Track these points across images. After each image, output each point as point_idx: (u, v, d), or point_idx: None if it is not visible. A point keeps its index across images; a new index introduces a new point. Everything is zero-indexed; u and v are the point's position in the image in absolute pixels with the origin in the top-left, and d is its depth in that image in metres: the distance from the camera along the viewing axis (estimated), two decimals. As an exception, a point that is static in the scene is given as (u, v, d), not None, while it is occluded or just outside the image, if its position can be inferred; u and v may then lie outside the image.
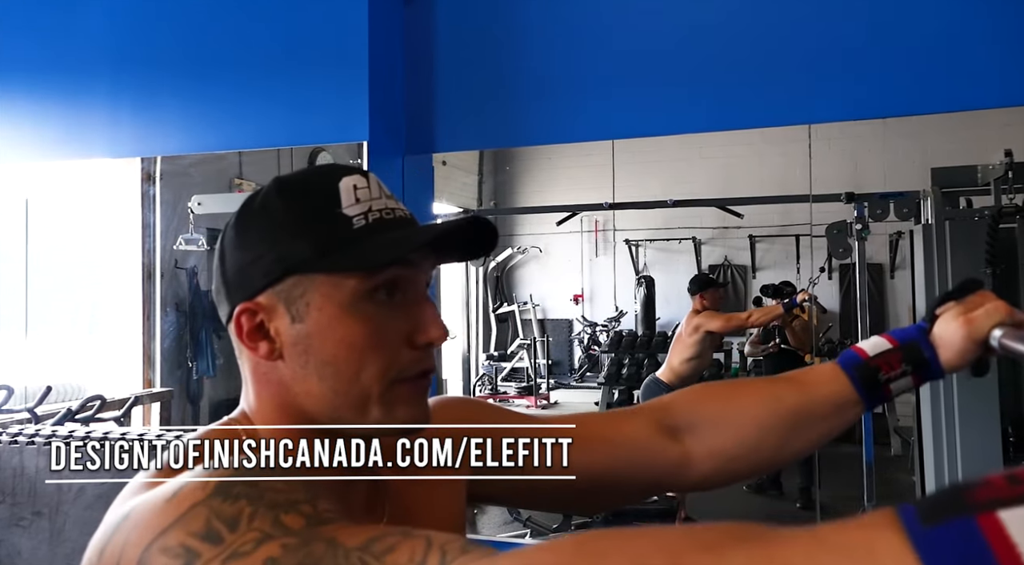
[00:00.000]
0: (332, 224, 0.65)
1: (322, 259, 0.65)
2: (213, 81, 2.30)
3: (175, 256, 3.93)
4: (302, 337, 0.65)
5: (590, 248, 10.32)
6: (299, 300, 0.65)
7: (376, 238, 0.65)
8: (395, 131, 2.29)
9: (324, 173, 0.70)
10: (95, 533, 0.59)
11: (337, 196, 0.67)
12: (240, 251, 0.68)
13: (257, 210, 0.69)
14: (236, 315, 0.67)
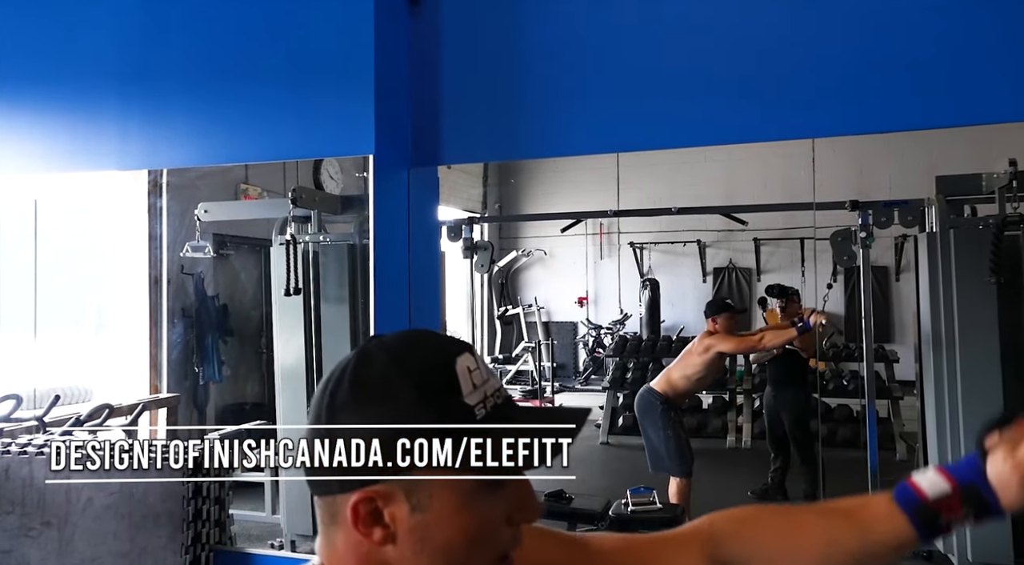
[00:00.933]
0: (457, 415, 0.66)
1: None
2: (220, 94, 2.31)
3: (182, 262, 3.96)
4: (420, 526, 0.66)
5: (595, 251, 10.33)
6: (420, 490, 0.66)
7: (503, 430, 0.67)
8: (401, 144, 2.30)
9: (437, 351, 0.69)
10: None
11: (457, 382, 0.66)
12: (357, 434, 0.66)
13: (377, 392, 0.66)
14: (354, 503, 0.66)
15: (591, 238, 10.05)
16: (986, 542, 3.49)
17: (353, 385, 0.67)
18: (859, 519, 0.85)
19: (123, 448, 2.12)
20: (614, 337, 8.63)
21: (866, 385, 4.18)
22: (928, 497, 0.82)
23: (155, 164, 2.77)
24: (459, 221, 5.11)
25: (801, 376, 4.80)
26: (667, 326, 8.89)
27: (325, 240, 3.65)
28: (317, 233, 3.65)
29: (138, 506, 1.97)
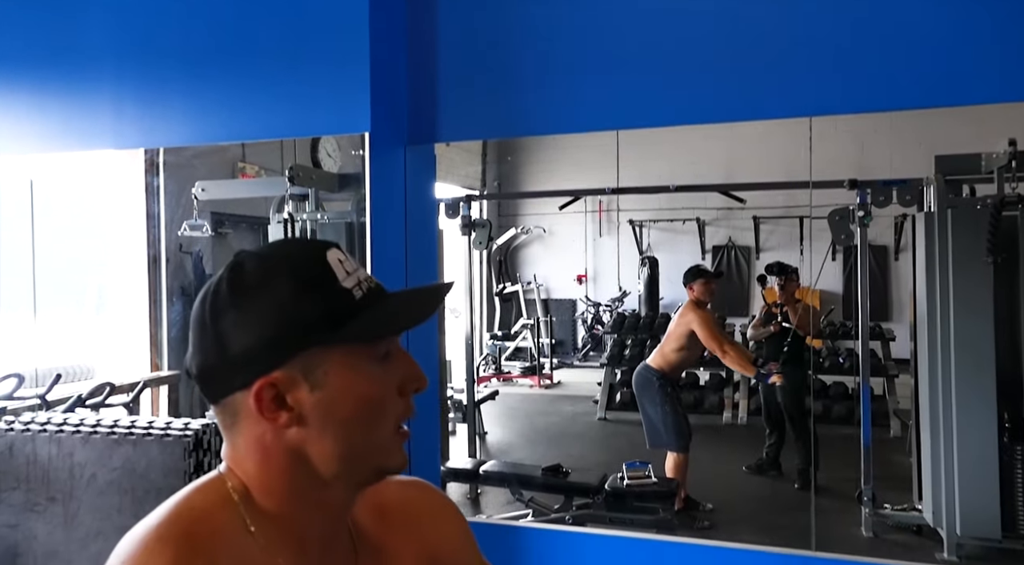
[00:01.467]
0: (339, 298, 0.71)
1: (337, 332, 0.70)
2: (216, 72, 2.30)
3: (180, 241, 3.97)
4: (323, 402, 0.70)
5: (594, 228, 10.32)
6: (317, 370, 0.70)
7: (377, 309, 0.72)
8: (397, 121, 2.29)
9: (307, 248, 0.75)
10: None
11: (331, 271, 0.72)
12: (245, 331, 0.70)
13: (254, 289, 0.71)
14: (256, 391, 0.70)
15: (590, 215, 10.05)
16: (975, 517, 3.54)
17: (232, 288, 0.71)
18: None
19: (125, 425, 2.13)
20: (613, 314, 8.67)
21: (861, 363, 4.22)
22: None
23: (151, 143, 2.76)
24: (457, 199, 5.11)
25: (798, 354, 4.83)
26: (666, 304, 8.92)
27: (323, 218, 3.65)
28: (315, 211, 3.65)
29: (140, 481, 2.00)
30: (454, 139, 2.51)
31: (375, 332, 0.72)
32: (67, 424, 2.08)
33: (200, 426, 2.12)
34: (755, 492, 4.82)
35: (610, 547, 2.32)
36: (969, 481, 3.53)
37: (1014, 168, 3.28)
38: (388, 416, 0.73)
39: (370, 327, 0.71)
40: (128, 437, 2.04)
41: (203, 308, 0.72)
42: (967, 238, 3.47)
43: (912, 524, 3.96)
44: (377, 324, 0.72)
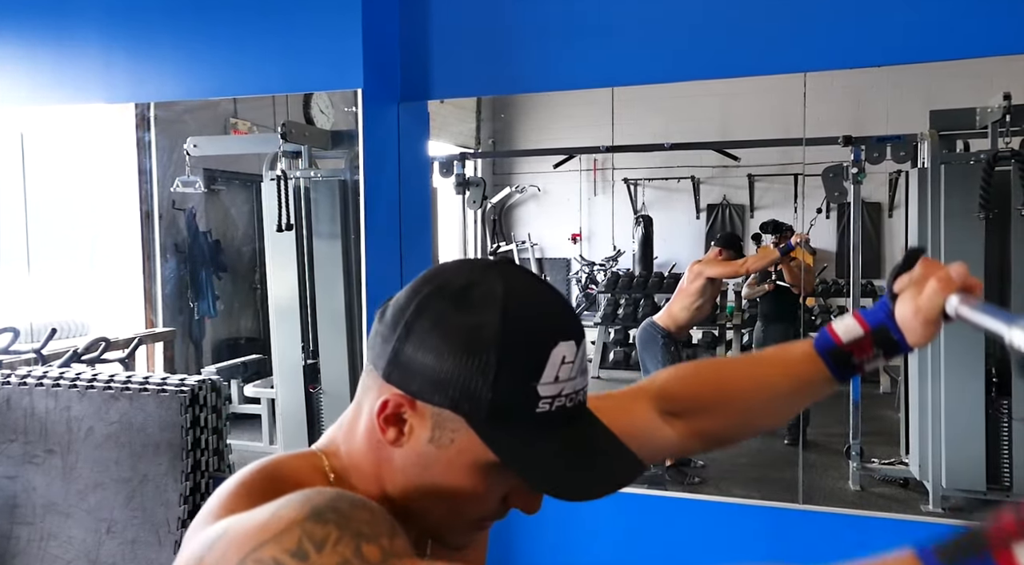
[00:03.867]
0: (521, 397, 0.64)
1: (491, 425, 0.64)
2: (207, 27, 2.27)
3: (173, 197, 3.94)
4: (430, 458, 0.67)
5: (588, 187, 10.27)
6: (448, 431, 0.66)
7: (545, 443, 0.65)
8: (390, 77, 2.27)
9: (548, 328, 0.66)
10: (187, 545, 0.62)
11: (543, 366, 0.64)
12: (425, 350, 0.65)
13: (468, 320, 0.64)
14: (388, 397, 0.67)
15: (585, 174, 9.99)
16: (960, 470, 3.61)
17: (454, 302, 0.66)
18: (784, 363, 0.94)
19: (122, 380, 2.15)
20: (607, 273, 8.68)
21: (852, 320, 4.24)
22: (843, 341, 0.90)
23: (141, 97, 2.73)
24: (451, 157, 5.07)
25: (791, 311, 4.86)
26: (660, 263, 8.93)
27: (316, 176, 3.63)
28: (308, 168, 3.63)
29: (138, 435, 2.03)
30: (447, 96, 2.49)
31: (513, 463, 0.64)
32: (64, 378, 2.09)
33: (196, 382, 2.14)
34: (745, 448, 4.89)
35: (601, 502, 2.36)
36: (955, 435, 3.60)
37: (1008, 123, 3.26)
38: (473, 510, 0.69)
39: (512, 454, 0.64)
40: (125, 392, 2.06)
41: (420, 294, 0.67)
42: (960, 194, 3.47)
43: (899, 478, 4.04)
44: (519, 458, 0.64)
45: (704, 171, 9.34)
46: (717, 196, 9.55)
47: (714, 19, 2.10)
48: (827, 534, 2.11)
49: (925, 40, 1.96)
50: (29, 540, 2.04)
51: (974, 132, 3.67)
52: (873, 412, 5.00)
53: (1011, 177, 3.38)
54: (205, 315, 4.37)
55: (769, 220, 5.10)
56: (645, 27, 2.15)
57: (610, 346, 6.89)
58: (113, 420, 2.06)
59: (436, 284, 0.67)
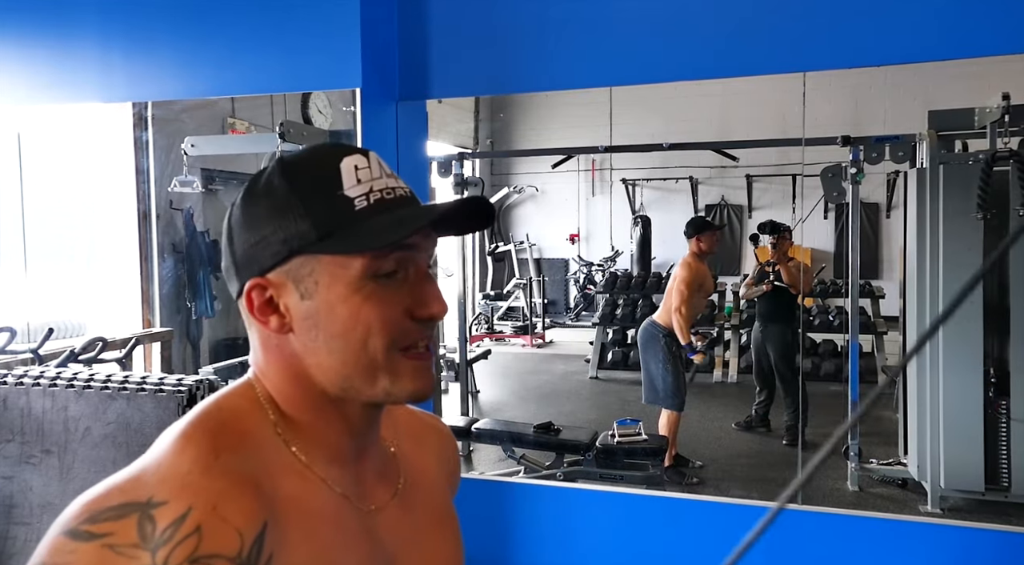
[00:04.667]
0: (334, 206, 0.68)
1: (326, 241, 0.67)
2: (205, 26, 2.26)
3: (170, 197, 3.94)
4: (311, 313, 0.69)
5: (587, 188, 10.28)
6: (307, 278, 0.69)
7: (376, 220, 0.68)
8: (388, 77, 2.26)
9: (326, 154, 0.71)
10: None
11: (339, 177, 0.69)
12: (247, 231, 0.70)
13: (261, 191, 0.70)
14: (247, 291, 0.70)
15: (583, 174, 10.00)
16: (959, 470, 3.61)
17: (245, 193, 0.72)
18: None
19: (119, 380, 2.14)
20: (605, 274, 8.68)
21: (850, 320, 4.25)
22: None
23: (138, 96, 2.72)
24: (449, 157, 5.07)
25: (789, 312, 4.87)
26: (658, 263, 8.94)
27: (314, 175, 3.62)
28: (306, 168, 3.61)
29: (135, 435, 2.02)
30: (446, 95, 2.48)
31: (358, 244, 0.67)
32: (61, 378, 2.08)
33: (193, 382, 2.13)
34: (744, 449, 4.89)
35: (600, 502, 2.36)
36: (954, 435, 3.60)
37: (1007, 123, 3.26)
38: (385, 333, 0.69)
39: (354, 239, 0.67)
40: (122, 392, 2.05)
41: (229, 209, 0.73)
42: (958, 194, 3.47)
43: (897, 478, 4.04)
44: (361, 237, 0.67)
45: (702, 171, 9.36)
46: (715, 196, 9.57)
47: (713, 19, 2.10)
48: (826, 534, 2.11)
49: (924, 40, 1.95)
50: (26, 540, 2.04)
51: (973, 132, 3.67)
52: (872, 412, 5.01)
53: (1009, 177, 3.38)
54: (203, 315, 4.36)
55: (766, 221, 5.09)
56: (644, 26, 2.14)
57: (608, 346, 6.89)
58: (110, 420, 2.05)
59: (233, 201, 0.73)
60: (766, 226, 5.00)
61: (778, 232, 4.90)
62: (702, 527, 2.22)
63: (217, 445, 0.65)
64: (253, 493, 0.63)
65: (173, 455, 0.64)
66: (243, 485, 0.63)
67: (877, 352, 6.03)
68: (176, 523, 0.58)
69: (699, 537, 2.21)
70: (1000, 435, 3.57)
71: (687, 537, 2.22)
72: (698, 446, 4.74)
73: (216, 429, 0.68)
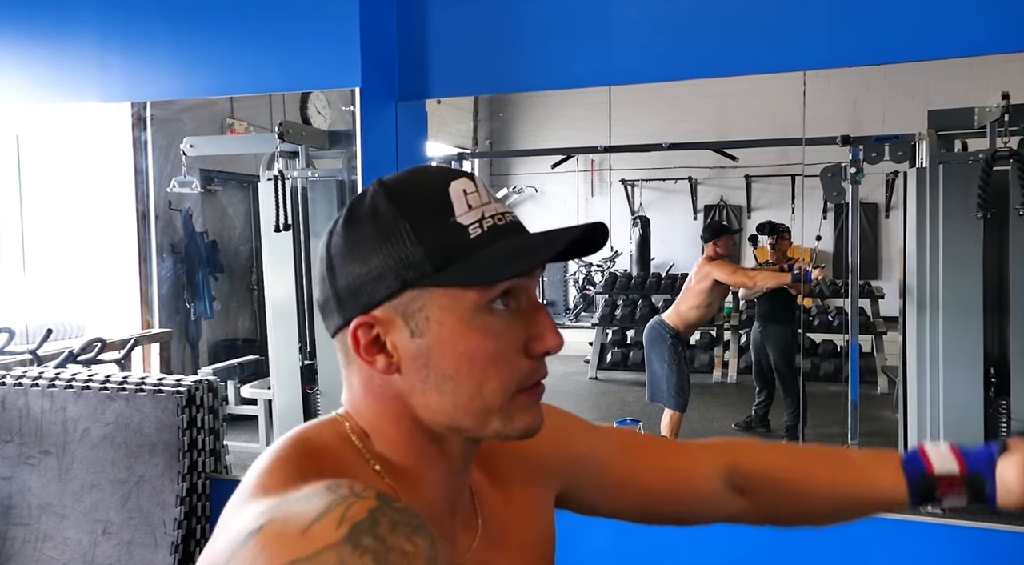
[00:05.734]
0: (449, 234, 0.63)
1: (441, 273, 0.63)
2: (203, 25, 2.26)
3: (169, 198, 3.94)
4: (422, 351, 0.64)
5: (586, 188, 10.28)
6: (418, 314, 0.64)
7: (493, 249, 0.64)
8: (388, 76, 2.26)
9: (432, 177, 0.67)
10: (225, 526, 0.58)
11: (449, 202, 0.64)
12: (351, 262, 0.65)
13: (366, 218, 0.65)
14: (353, 329, 0.65)
15: (582, 175, 10.00)
16: (960, 470, 3.60)
17: (347, 216, 0.67)
18: (864, 473, 0.91)
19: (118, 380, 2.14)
20: (604, 274, 8.67)
21: (850, 320, 4.25)
22: (935, 472, 0.86)
23: (137, 96, 2.72)
24: (449, 157, 5.07)
25: (789, 312, 4.86)
26: (657, 263, 8.94)
27: (313, 176, 3.62)
28: (305, 169, 3.62)
29: (134, 436, 2.01)
30: (446, 95, 2.48)
31: (480, 276, 0.62)
32: (59, 379, 2.08)
33: (192, 382, 2.12)
34: (743, 448, 4.88)
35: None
36: (954, 435, 3.59)
37: (1006, 122, 3.26)
38: (502, 375, 0.65)
39: (475, 270, 0.62)
40: (121, 392, 2.05)
41: (326, 237, 0.68)
42: (958, 194, 3.47)
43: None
44: (483, 268, 0.62)
45: (701, 172, 9.36)
46: (714, 197, 9.57)
47: (712, 18, 2.10)
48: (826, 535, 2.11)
49: (923, 39, 1.95)
50: (24, 541, 2.03)
51: (972, 132, 3.66)
52: (871, 413, 5.00)
53: (1009, 177, 3.37)
54: (202, 316, 4.35)
55: (766, 222, 5.09)
56: (643, 26, 2.14)
57: (608, 347, 6.88)
58: (109, 421, 2.04)
59: (330, 228, 0.68)
60: (765, 227, 5.00)
61: (777, 233, 4.90)
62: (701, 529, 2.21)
63: (317, 464, 0.62)
64: None
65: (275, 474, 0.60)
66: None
67: (877, 352, 6.03)
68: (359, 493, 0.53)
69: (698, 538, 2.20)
70: (1000, 435, 3.57)
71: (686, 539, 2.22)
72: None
73: (311, 452, 0.64)
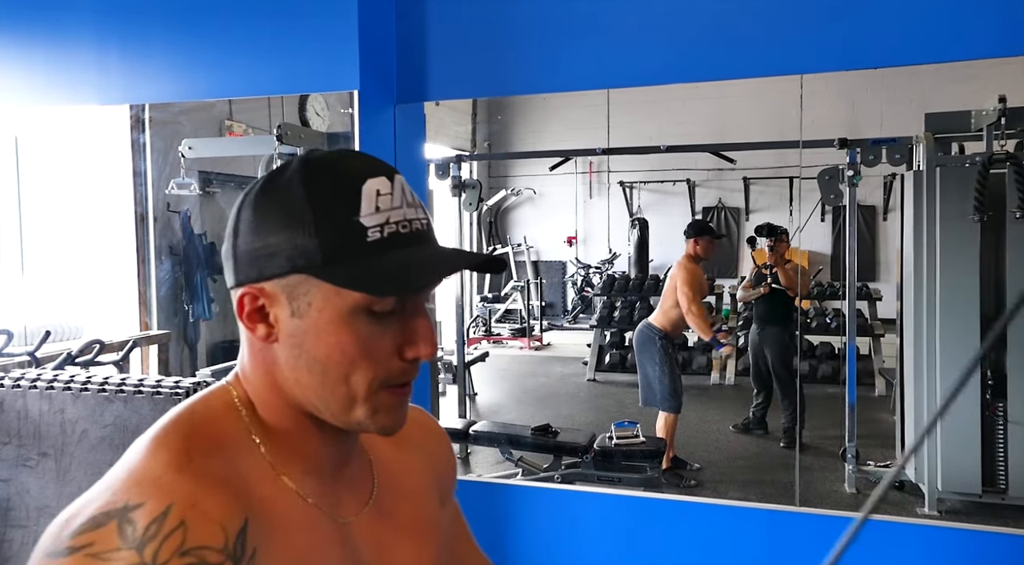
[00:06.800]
0: (346, 232, 0.66)
1: (330, 267, 0.65)
2: (202, 28, 2.26)
3: (168, 200, 3.94)
4: (299, 331, 0.67)
5: (584, 190, 10.28)
6: (302, 298, 0.67)
7: (384, 259, 0.66)
8: (386, 79, 2.26)
9: (350, 170, 0.68)
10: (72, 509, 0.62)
11: (358, 200, 0.66)
12: (253, 234, 0.67)
13: (279, 193, 0.67)
14: (240, 295, 0.68)
15: (581, 177, 10.01)
16: (956, 472, 3.61)
17: (261, 190, 0.69)
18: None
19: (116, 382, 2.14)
20: (602, 276, 8.68)
21: (847, 323, 4.26)
22: None
23: (136, 99, 2.72)
24: (447, 159, 5.07)
25: (787, 314, 4.87)
26: (655, 265, 8.94)
27: (312, 177, 3.62)
28: (304, 170, 3.62)
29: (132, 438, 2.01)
30: (444, 97, 2.48)
31: (362, 285, 0.65)
32: (58, 380, 2.08)
33: (191, 384, 2.12)
34: (742, 451, 4.90)
35: (598, 505, 2.36)
36: (951, 438, 3.60)
37: (1003, 125, 3.27)
38: (370, 370, 0.67)
39: (359, 277, 0.65)
40: (119, 394, 2.05)
41: (241, 197, 0.70)
42: (955, 196, 3.48)
43: (895, 480, 4.04)
44: (367, 277, 0.65)
45: (699, 174, 9.37)
46: (712, 199, 9.58)
47: (710, 21, 2.10)
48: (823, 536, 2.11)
49: (920, 42, 1.96)
50: (23, 543, 2.03)
51: (969, 135, 3.68)
52: (869, 415, 5.02)
53: (1006, 180, 3.39)
54: (200, 317, 4.35)
55: (763, 224, 5.10)
56: (641, 29, 2.15)
57: (606, 349, 6.89)
58: (107, 423, 2.04)
59: (247, 189, 0.70)
60: (763, 229, 5.00)
61: (775, 235, 4.90)
62: (700, 529, 2.22)
63: (190, 447, 0.64)
64: (229, 492, 0.62)
65: (145, 459, 0.63)
66: (218, 485, 0.62)
67: (874, 354, 6.04)
68: (158, 520, 0.57)
69: (697, 539, 2.21)
70: (997, 437, 3.57)
71: (685, 539, 2.22)
72: (696, 448, 4.74)
73: (189, 432, 0.66)
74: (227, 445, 0.67)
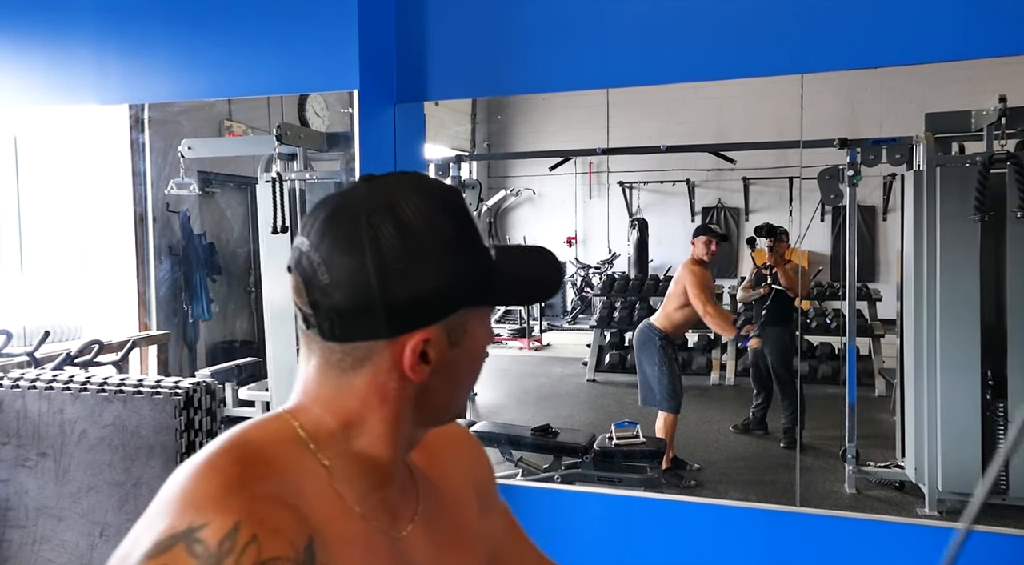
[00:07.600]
0: (486, 257, 0.69)
1: (484, 293, 0.69)
2: (201, 28, 2.26)
3: (167, 200, 3.93)
4: (455, 358, 0.69)
5: (584, 190, 10.28)
6: (460, 326, 0.69)
7: (511, 272, 0.71)
8: (386, 79, 2.26)
9: (452, 196, 0.71)
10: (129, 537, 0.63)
11: (476, 225, 0.70)
12: (417, 283, 0.65)
13: (424, 230, 0.66)
14: (412, 345, 0.66)
15: (580, 177, 10.00)
16: (956, 473, 3.61)
17: (398, 228, 0.65)
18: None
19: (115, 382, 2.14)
20: (602, 276, 8.68)
21: (847, 323, 4.25)
22: None
23: (135, 98, 2.72)
24: (447, 159, 5.07)
25: (787, 315, 4.87)
26: (655, 266, 8.94)
27: (311, 178, 3.62)
28: (303, 171, 3.62)
29: (131, 438, 2.01)
30: (444, 97, 2.48)
31: (515, 295, 0.72)
32: (57, 380, 2.07)
33: (190, 384, 2.12)
34: (742, 451, 4.89)
35: (598, 505, 2.36)
36: (952, 438, 3.60)
37: (1004, 125, 3.26)
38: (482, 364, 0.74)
39: (510, 290, 0.71)
40: (118, 394, 2.04)
41: (371, 242, 0.64)
42: (955, 196, 3.48)
43: (895, 480, 4.04)
44: (516, 287, 0.71)
45: (699, 174, 9.36)
46: (712, 199, 9.57)
47: (710, 21, 2.10)
48: (823, 537, 2.11)
49: (921, 42, 1.96)
50: (22, 544, 2.03)
51: (969, 135, 3.67)
52: (869, 415, 5.01)
53: (1006, 180, 3.38)
54: (199, 318, 4.35)
55: (763, 224, 5.09)
56: (641, 28, 2.15)
57: (606, 349, 6.88)
58: (106, 423, 2.04)
59: (365, 222, 0.65)
60: (763, 229, 5.00)
61: (774, 235, 4.90)
62: (700, 530, 2.22)
63: (243, 473, 0.62)
64: (290, 511, 0.61)
65: (196, 483, 0.61)
66: (278, 504, 0.61)
67: (874, 355, 6.04)
68: (230, 535, 0.56)
69: (697, 539, 2.21)
70: (998, 437, 3.57)
71: (685, 539, 2.22)
72: (696, 449, 4.74)
73: (241, 458, 0.64)
74: (283, 469, 0.65)
